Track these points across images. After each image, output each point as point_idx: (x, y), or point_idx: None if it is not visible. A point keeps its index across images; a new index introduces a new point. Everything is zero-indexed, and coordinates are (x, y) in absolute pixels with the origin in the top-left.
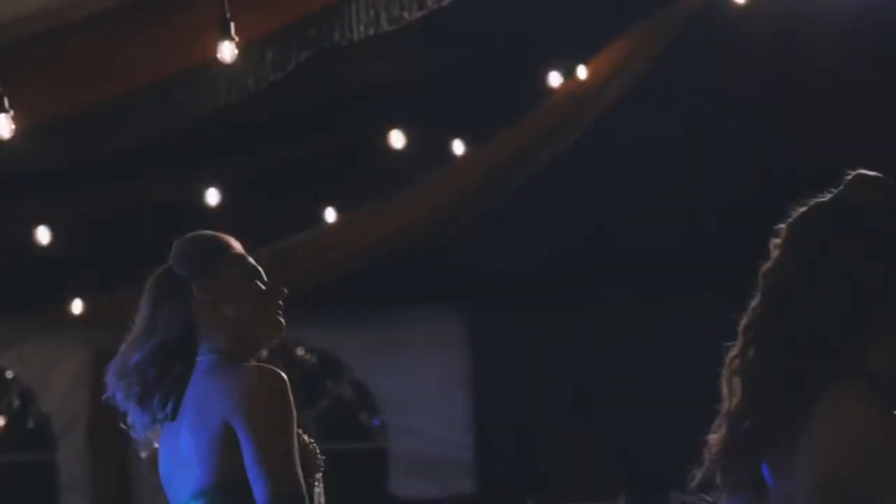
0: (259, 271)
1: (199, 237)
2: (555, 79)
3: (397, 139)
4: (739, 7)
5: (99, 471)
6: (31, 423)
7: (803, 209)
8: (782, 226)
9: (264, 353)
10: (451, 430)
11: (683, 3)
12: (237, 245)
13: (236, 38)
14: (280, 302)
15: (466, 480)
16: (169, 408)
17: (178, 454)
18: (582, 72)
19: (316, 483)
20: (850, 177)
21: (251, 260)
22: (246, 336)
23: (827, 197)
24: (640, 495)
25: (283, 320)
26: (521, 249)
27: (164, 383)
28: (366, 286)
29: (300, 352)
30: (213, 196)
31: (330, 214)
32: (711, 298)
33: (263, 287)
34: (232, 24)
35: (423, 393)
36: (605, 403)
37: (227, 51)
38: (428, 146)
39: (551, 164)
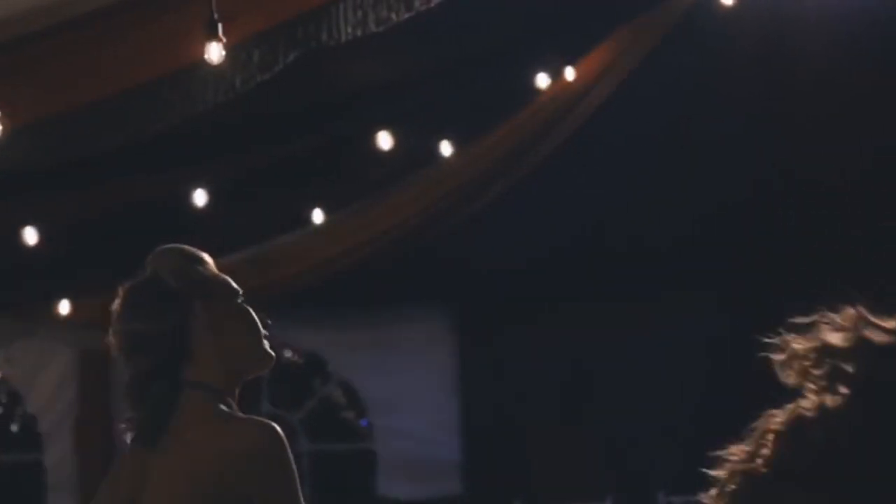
0: (242, 295)
1: (187, 252)
2: (542, 80)
3: (385, 140)
4: (727, 8)
5: (86, 472)
6: (17, 424)
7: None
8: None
9: None
10: (439, 431)
11: (671, 4)
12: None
13: (224, 39)
14: (265, 331)
15: (454, 481)
16: (147, 434)
17: (168, 494)
18: (569, 73)
19: None
20: None
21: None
22: (236, 365)
23: None
24: (627, 496)
25: (272, 352)
26: (509, 250)
27: (141, 407)
28: (353, 287)
29: (287, 353)
30: (200, 197)
31: (317, 215)
32: (700, 300)
33: (251, 314)
34: (219, 25)
35: (410, 394)
36: (592, 404)
37: (214, 51)
38: (415, 147)
39: (539, 166)
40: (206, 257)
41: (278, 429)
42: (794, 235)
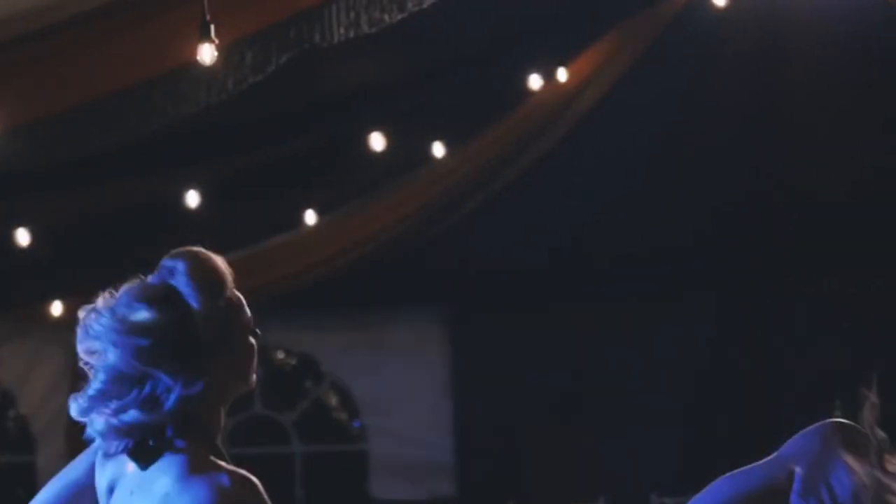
0: (251, 321)
1: (213, 284)
2: (535, 81)
3: (378, 141)
4: (719, 10)
5: None
6: (10, 425)
7: None
8: None
9: None
10: (432, 432)
11: (663, 6)
12: (231, 278)
13: (216, 41)
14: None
15: (446, 482)
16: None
17: None
18: (562, 74)
19: None
20: None
21: (246, 308)
22: (225, 400)
23: None
24: (619, 497)
25: (254, 377)
26: (502, 251)
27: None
28: (346, 288)
29: (280, 354)
30: (192, 198)
31: (310, 216)
32: (694, 303)
33: (252, 341)
34: (212, 27)
35: (403, 395)
36: (585, 406)
37: (207, 53)
38: (408, 148)
39: (531, 167)
40: (226, 275)
41: (252, 481)
42: (788, 237)
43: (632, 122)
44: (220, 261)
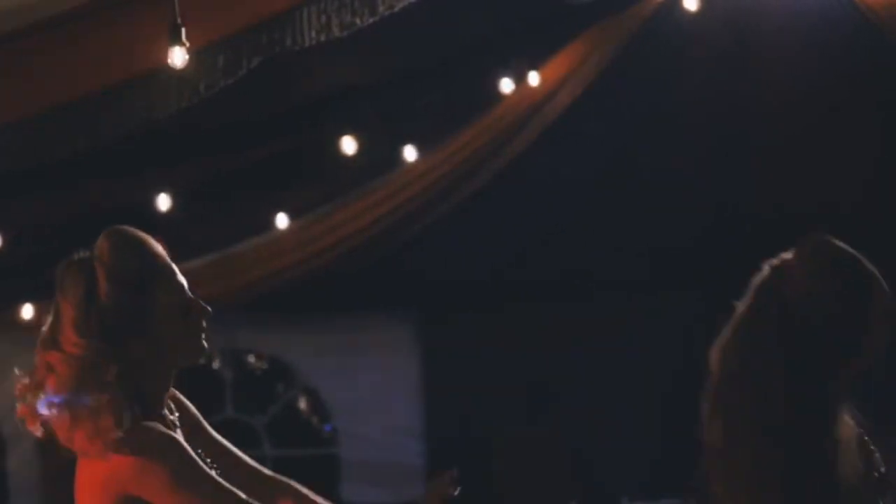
0: (190, 299)
1: (130, 272)
2: (506, 85)
3: (349, 145)
4: (692, 14)
5: (49, 477)
6: None
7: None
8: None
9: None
10: (403, 436)
11: (635, 9)
12: (165, 262)
13: (187, 44)
14: (205, 323)
15: (418, 486)
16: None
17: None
18: (534, 78)
19: None
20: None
21: (183, 286)
22: (163, 370)
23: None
24: (590, 502)
25: (205, 343)
26: (472, 256)
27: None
28: (318, 292)
29: (251, 358)
30: (164, 201)
31: (281, 220)
32: (663, 306)
33: (192, 319)
34: (183, 30)
35: (374, 399)
36: (556, 409)
37: (178, 56)
38: (380, 152)
39: (503, 171)
40: (157, 254)
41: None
42: (757, 239)
43: (604, 125)
44: (140, 242)
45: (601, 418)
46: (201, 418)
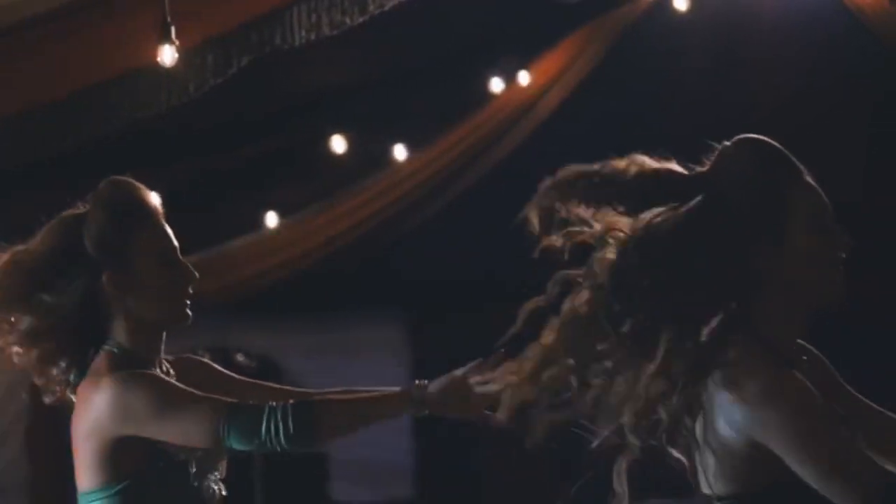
0: (173, 251)
1: (117, 203)
2: (496, 84)
3: (339, 144)
4: (681, 14)
5: (36, 476)
6: None
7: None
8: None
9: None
10: (392, 435)
11: (625, 9)
12: (155, 208)
13: (177, 42)
14: (190, 289)
15: (407, 486)
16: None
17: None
18: (524, 77)
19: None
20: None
21: (168, 235)
22: (146, 327)
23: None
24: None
25: (189, 311)
26: (463, 255)
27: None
28: (307, 291)
29: (240, 357)
30: (153, 200)
31: (271, 219)
32: None
33: (175, 273)
34: (173, 28)
35: None
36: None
37: (167, 55)
38: (370, 151)
39: (494, 170)
40: (142, 205)
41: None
42: None
43: (594, 125)
44: (138, 185)
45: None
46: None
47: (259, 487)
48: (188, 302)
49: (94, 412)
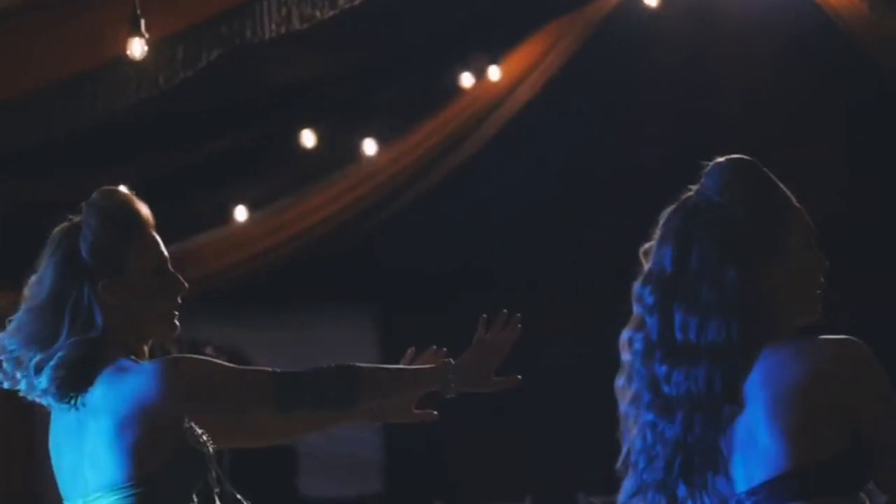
0: (165, 261)
1: (113, 215)
2: (467, 79)
3: (309, 138)
4: (653, 10)
5: (3, 461)
6: None
7: (672, 206)
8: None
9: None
10: (361, 430)
11: (595, 4)
12: (147, 218)
13: (147, 35)
14: (179, 300)
15: (375, 481)
16: (69, 398)
17: (85, 445)
18: (494, 72)
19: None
20: (708, 167)
21: (159, 245)
22: (135, 329)
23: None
24: (546, 496)
25: (177, 322)
26: (432, 249)
27: (75, 370)
28: (277, 285)
29: (209, 350)
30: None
31: (241, 212)
32: (626, 302)
33: (166, 283)
34: (142, 21)
35: None
36: (513, 405)
37: (137, 47)
38: (339, 145)
39: (464, 164)
40: (136, 216)
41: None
42: None
43: (564, 120)
44: (132, 198)
45: (558, 413)
46: None
47: (228, 482)
48: (177, 312)
49: (136, 397)
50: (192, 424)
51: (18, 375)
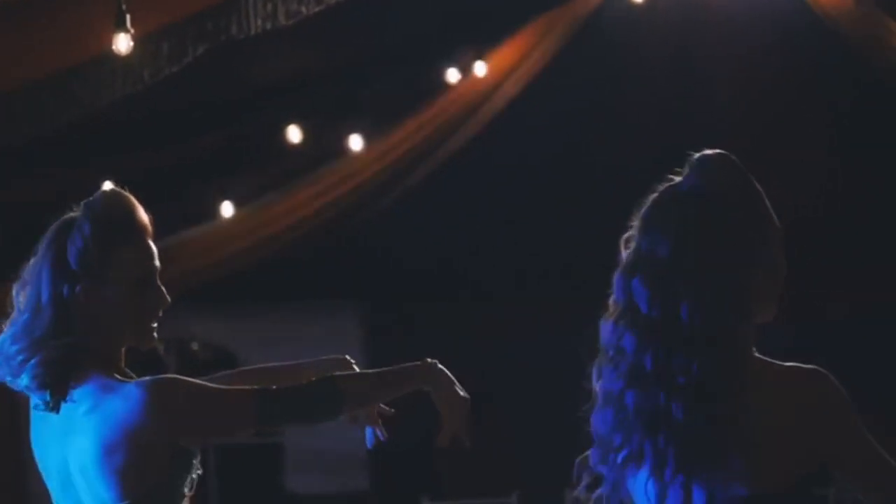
0: (151, 273)
1: (106, 223)
2: (453, 75)
3: (294, 134)
4: (638, 5)
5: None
6: None
7: (657, 195)
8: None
9: (160, 348)
10: (347, 426)
11: (581, 1)
12: (143, 226)
13: (132, 30)
14: (160, 313)
15: (362, 476)
16: (47, 398)
17: (71, 457)
18: (480, 68)
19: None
20: (696, 159)
21: (150, 256)
22: (111, 337)
23: (677, 181)
24: (533, 492)
25: (155, 335)
26: (419, 246)
27: (46, 370)
28: (262, 281)
29: (195, 346)
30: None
31: (227, 208)
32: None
33: (148, 296)
34: (128, 16)
35: None
36: (499, 401)
37: (122, 43)
38: (325, 141)
39: (450, 161)
40: (132, 225)
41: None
42: None
43: (551, 115)
44: (132, 201)
45: (545, 409)
46: None
47: (214, 481)
48: (155, 325)
49: (121, 424)
50: None
51: (6, 369)
